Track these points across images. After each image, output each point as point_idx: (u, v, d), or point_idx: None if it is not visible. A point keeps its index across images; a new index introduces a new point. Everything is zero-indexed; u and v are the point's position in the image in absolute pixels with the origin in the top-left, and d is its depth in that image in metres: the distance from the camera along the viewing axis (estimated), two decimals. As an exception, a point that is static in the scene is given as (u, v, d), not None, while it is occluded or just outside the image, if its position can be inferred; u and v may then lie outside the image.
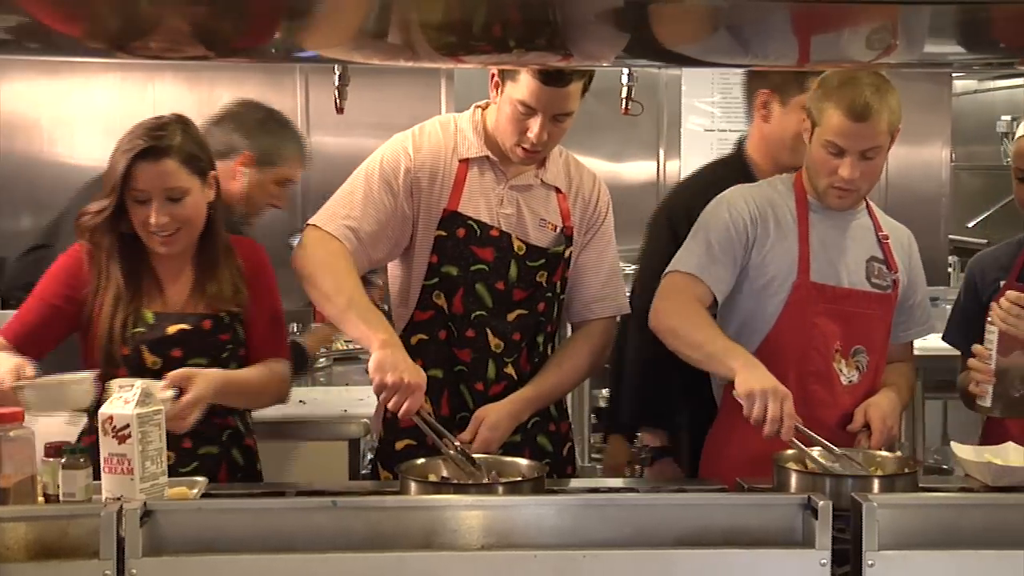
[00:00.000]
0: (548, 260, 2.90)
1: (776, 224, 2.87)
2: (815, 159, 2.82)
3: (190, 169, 2.69)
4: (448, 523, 2.07)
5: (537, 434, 2.93)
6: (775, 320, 2.83)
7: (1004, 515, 2.11)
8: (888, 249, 2.94)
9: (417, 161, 2.85)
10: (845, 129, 2.75)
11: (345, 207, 2.83)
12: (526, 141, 2.79)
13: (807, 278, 2.84)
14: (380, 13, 2.19)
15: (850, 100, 2.73)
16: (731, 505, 2.15)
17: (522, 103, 2.76)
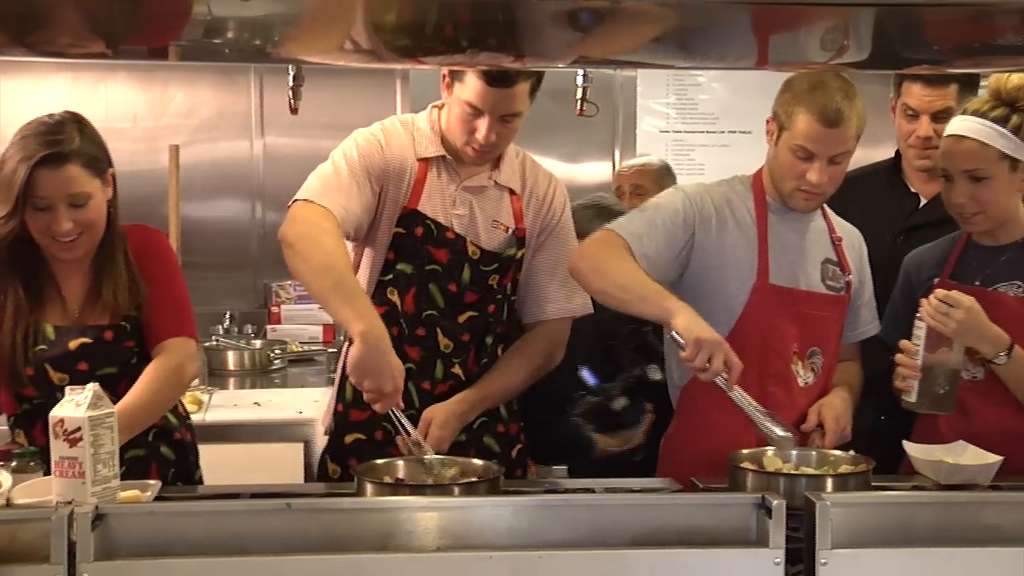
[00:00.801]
0: (501, 264, 2.90)
1: (736, 225, 2.87)
2: (783, 163, 2.83)
3: (92, 172, 2.63)
4: (404, 525, 2.06)
5: (483, 434, 2.93)
6: (734, 323, 2.83)
7: (955, 513, 2.13)
8: (841, 251, 2.97)
9: (388, 155, 2.85)
10: (816, 134, 2.77)
11: (333, 185, 2.78)
12: (475, 142, 2.80)
13: (767, 280, 2.85)
14: (335, 14, 2.18)
15: (822, 105, 2.75)
16: (686, 505, 2.15)
17: (469, 104, 2.77)
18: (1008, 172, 2.80)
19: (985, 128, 2.79)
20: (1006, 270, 2.87)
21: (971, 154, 2.80)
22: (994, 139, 2.78)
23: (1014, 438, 2.76)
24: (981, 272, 2.89)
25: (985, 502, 2.21)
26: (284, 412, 3.88)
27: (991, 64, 2.91)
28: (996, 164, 2.79)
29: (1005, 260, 2.89)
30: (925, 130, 3.32)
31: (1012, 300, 2.84)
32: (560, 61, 2.69)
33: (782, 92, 2.84)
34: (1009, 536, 2.08)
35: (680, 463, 2.86)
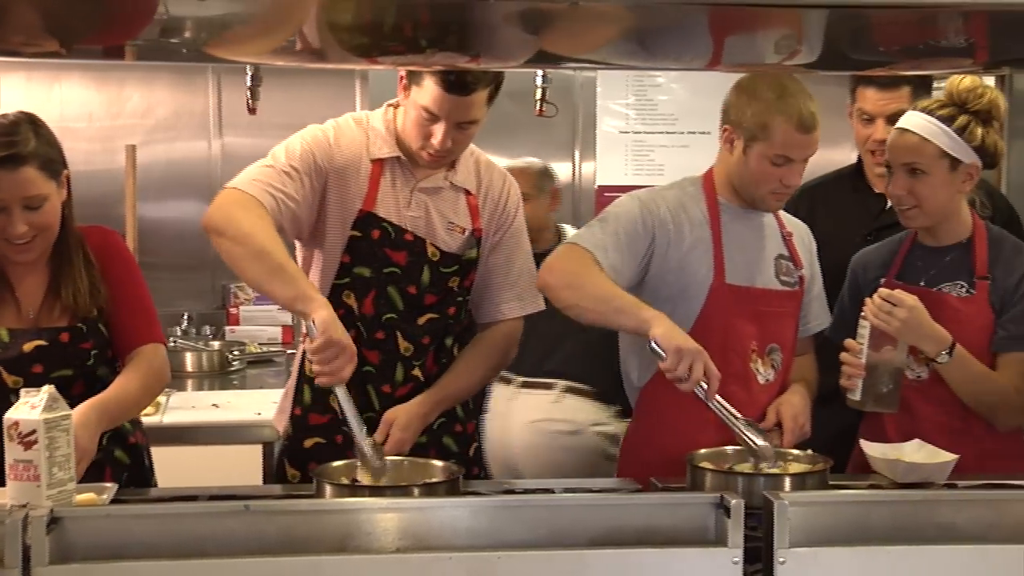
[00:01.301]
0: (462, 266, 2.90)
1: (691, 228, 2.88)
2: (756, 171, 2.84)
3: (47, 174, 2.60)
4: (363, 526, 2.05)
5: (443, 435, 2.93)
6: (692, 324, 2.84)
7: (911, 511, 2.15)
8: (792, 246, 2.99)
9: (336, 155, 2.81)
10: (795, 141, 2.80)
11: (266, 175, 2.73)
12: (430, 147, 2.79)
13: (723, 280, 2.86)
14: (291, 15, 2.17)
15: (798, 113, 2.78)
16: (645, 505, 2.15)
17: (426, 109, 2.74)
18: (947, 171, 2.83)
19: (929, 124, 2.82)
20: (950, 271, 2.90)
21: (911, 148, 2.83)
22: (936, 136, 2.81)
23: (956, 437, 2.80)
24: (926, 272, 2.93)
25: (940, 500, 2.24)
26: (243, 414, 3.86)
27: (937, 66, 2.95)
28: (935, 161, 2.82)
29: (949, 261, 2.92)
30: (880, 133, 3.35)
31: (955, 300, 2.87)
32: (517, 61, 2.70)
33: (745, 101, 2.85)
34: (964, 533, 2.11)
35: (639, 464, 2.88)
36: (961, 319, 2.84)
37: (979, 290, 2.86)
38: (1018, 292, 2.84)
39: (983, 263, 2.88)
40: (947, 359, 2.77)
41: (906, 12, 2.10)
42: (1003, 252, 2.90)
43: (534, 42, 2.42)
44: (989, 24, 2.25)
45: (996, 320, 2.85)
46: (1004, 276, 2.86)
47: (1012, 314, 2.83)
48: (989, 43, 2.50)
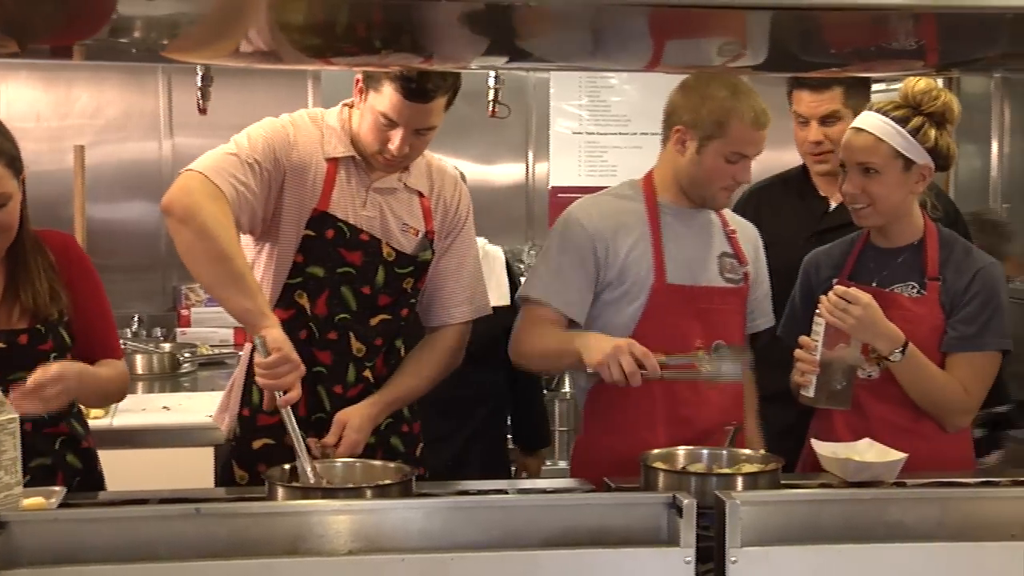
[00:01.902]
0: (416, 267, 2.89)
1: (629, 232, 2.92)
2: (711, 168, 2.88)
3: (12, 172, 2.57)
4: (315, 528, 2.04)
5: (391, 435, 2.93)
6: (635, 325, 2.87)
7: (861, 510, 2.16)
8: (736, 243, 3.02)
9: (294, 152, 2.79)
10: (750, 138, 2.86)
11: (230, 164, 2.69)
12: (387, 152, 2.78)
13: (664, 281, 2.89)
14: (244, 15, 2.16)
15: (753, 111, 2.84)
16: (598, 505, 2.16)
17: (384, 115, 2.74)
18: (901, 171, 2.86)
19: (883, 125, 2.85)
20: (901, 272, 2.94)
21: (865, 147, 2.86)
22: (890, 136, 2.84)
23: (906, 436, 2.83)
24: (878, 273, 2.96)
25: (890, 499, 2.25)
26: (194, 416, 3.83)
27: (889, 68, 2.98)
28: (889, 161, 2.85)
29: (901, 262, 2.95)
30: (815, 135, 3.43)
31: (907, 300, 2.90)
32: (471, 62, 2.70)
33: (698, 101, 2.87)
34: (912, 532, 2.13)
35: (591, 465, 2.89)
36: (912, 319, 2.87)
37: (930, 291, 2.89)
38: (967, 293, 2.87)
39: (934, 264, 2.91)
40: (900, 357, 2.80)
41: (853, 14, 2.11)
42: (954, 254, 2.93)
43: (487, 42, 2.42)
44: (937, 26, 2.27)
45: (946, 321, 2.88)
46: (954, 277, 2.89)
47: (961, 315, 2.87)
48: (938, 46, 2.53)
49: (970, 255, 2.94)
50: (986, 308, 2.86)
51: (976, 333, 2.85)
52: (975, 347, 2.86)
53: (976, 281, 2.87)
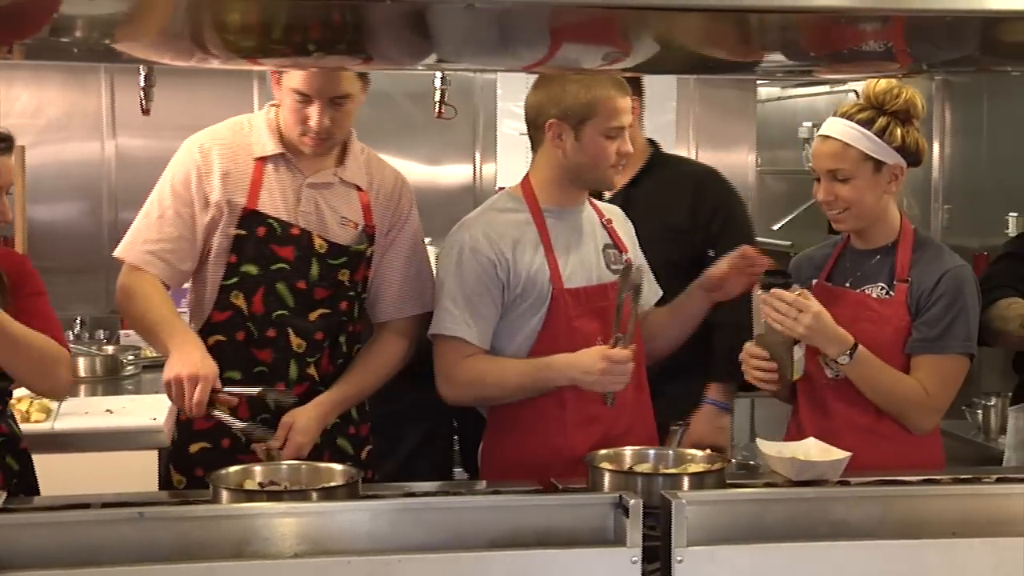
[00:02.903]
0: (350, 258, 2.89)
1: (524, 247, 2.91)
2: (596, 148, 2.88)
3: None
4: (260, 531, 2.03)
5: (337, 436, 2.92)
6: (536, 334, 2.90)
7: (805, 508, 2.18)
8: (614, 233, 3.05)
9: (206, 167, 2.84)
10: (620, 107, 2.87)
11: (143, 231, 2.85)
12: (309, 130, 2.80)
13: (561, 287, 2.90)
14: (178, 14, 2.14)
15: (610, 81, 2.86)
16: (544, 506, 2.16)
17: (297, 91, 2.77)
18: (871, 173, 2.88)
19: (849, 129, 2.87)
20: (874, 272, 2.96)
21: (833, 154, 2.88)
22: (857, 140, 2.86)
23: (867, 434, 2.87)
24: (853, 274, 2.98)
25: (833, 497, 2.27)
26: (137, 419, 3.78)
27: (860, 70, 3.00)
28: (859, 164, 2.87)
29: (875, 263, 2.97)
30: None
31: (874, 302, 2.92)
32: (410, 64, 2.69)
33: (558, 91, 2.88)
34: (855, 530, 2.15)
35: (498, 467, 2.94)
36: (877, 320, 2.89)
37: (898, 292, 2.90)
38: (933, 295, 2.87)
39: (904, 266, 2.92)
40: (847, 360, 2.82)
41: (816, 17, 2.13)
42: (924, 256, 2.94)
43: (427, 44, 2.41)
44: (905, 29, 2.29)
45: (912, 322, 2.89)
46: (921, 279, 2.90)
47: (925, 317, 2.87)
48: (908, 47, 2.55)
49: (940, 257, 2.93)
50: (950, 311, 2.86)
51: (938, 336, 2.85)
52: (937, 350, 2.86)
53: (942, 283, 2.87)
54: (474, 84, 5.90)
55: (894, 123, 2.87)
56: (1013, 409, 3.36)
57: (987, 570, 2.09)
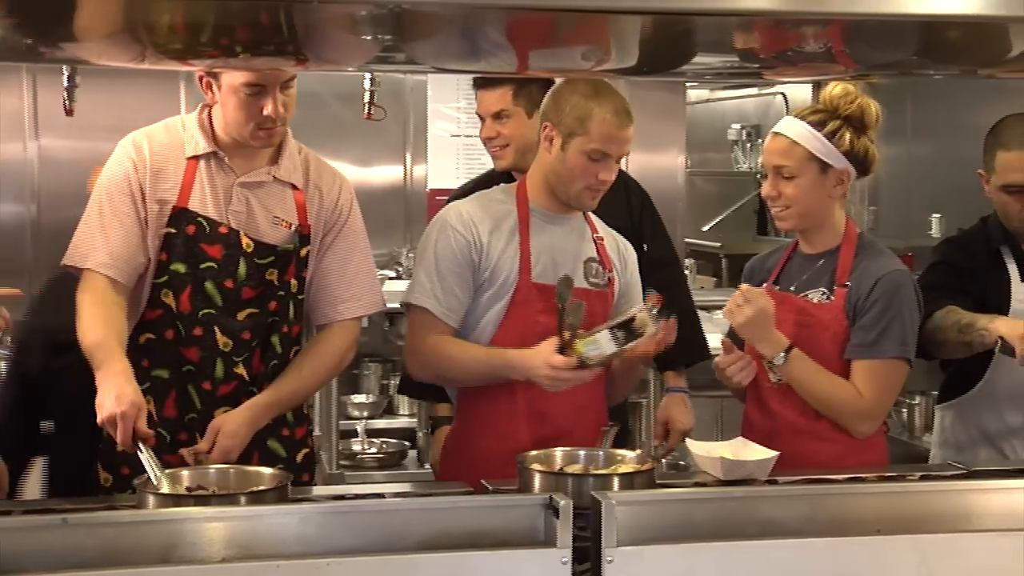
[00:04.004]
0: (278, 258, 2.87)
1: (501, 233, 2.95)
2: (574, 166, 2.90)
3: None
4: (187, 536, 2.01)
5: (267, 438, 2.89)
6: (499, 323, 2.93)
7: (734, 508, 2.21)
8: (603, 249, 3.06)
9: (141, 164, 2.83)
10: (612, 136, 2.88)
11: (88, 237, 2.81)
12: (266, 120, 2.79)
13: (528, 279, 2.93)
14: (106, 14, 2.11)
15: (614, 108, 2.87)
16: (474, 507, 2.17)
17: (248, 84, 2.75)
18: (817, 174, 2.90)
19: (800, 128, 2.91)
20: (816, 277, 2.98)
21: (781, 151, 2.92)
22: (805, 140, 2.89)
23: (808, 437, 2.90)
24: (798, 279, 3.01)
25: (761, 496, 2.30)
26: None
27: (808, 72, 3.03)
28: (804, 164, 2.90)
29: (817, 268, 2.99)
30: (488, 131, 3.59)
31: (813, 307, 2.94)
32: (346, 65, 2.68)
33: (563, 98, 2.91)
34: (783, 528, 2.17)
35: (457, 458, 2.98)
36: (815, 325, 2.92)
37: (837, 297, 2.92)
38: (869, 300, 2.89)
39: (844, 271, 2.94)
40: (783, 360, 2.86)
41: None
42: (864, 260, 2.96)
43: (362, 45, 2.40)
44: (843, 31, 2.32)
45: (850, 327, 2.91)
46: (859, 284, 2.92)
47: (861, 322, 2.89)
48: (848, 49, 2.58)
49: (878, 261, 2.96)
50: (885, 315, 2.88)
51: (874, 340, 2.88)
52: (872, 354, 2.88)
53: (878, 288, 2.89)
54: (404, 85, 5.88)
55: (845, 127, 2.89)
56: (940, 407, 3.41)
57: (911, 566, 2.12)
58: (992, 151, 3.17)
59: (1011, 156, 3.12)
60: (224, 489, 2.47)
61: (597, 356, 2.74)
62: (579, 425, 2.93)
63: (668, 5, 1.98)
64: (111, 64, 2.39)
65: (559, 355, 2.74)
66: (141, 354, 2.77)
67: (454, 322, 2.94)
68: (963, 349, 3.04)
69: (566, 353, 2.73)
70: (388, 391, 5.43)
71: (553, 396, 2.88)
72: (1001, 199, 3.17)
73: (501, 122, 3.56)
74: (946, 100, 5.72)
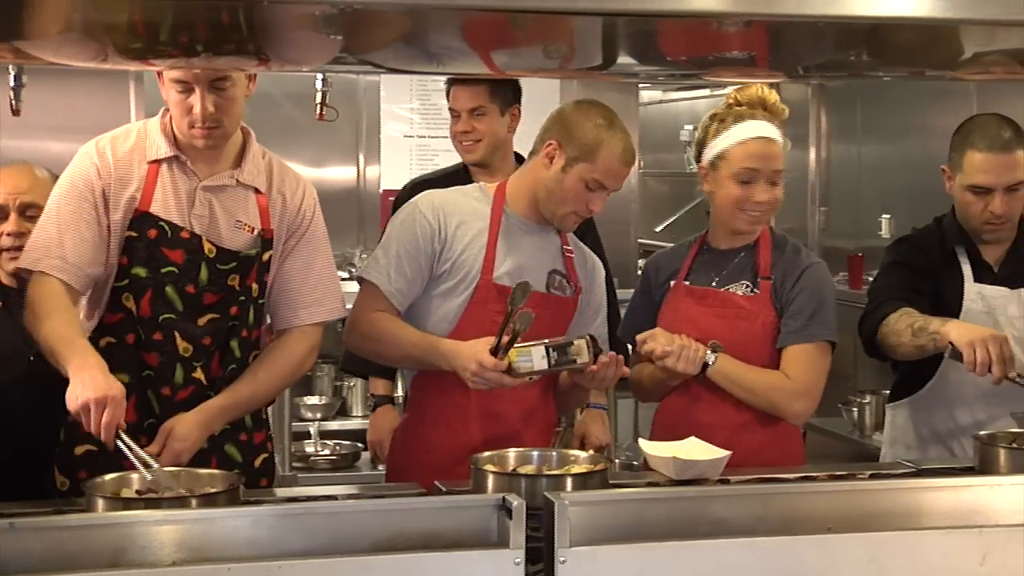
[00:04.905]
0: (240, 263, 2.85)
1: (467, 229, 2.96)
2: (571, 190, 2.93)
3: None
4: (137, 539, 2.00)
5: (225, 443, 2.87)
6: (458, 320, 2.94)
7: (686, 507, 2.22)
8: (570, 264, 3.08)
9: (104, 168, 2.80)
10: (617, 171, 2.93)
11: (44, 239, 2.77)
12: (196, 119, 2.77)
13: (490, 278, 2.94)
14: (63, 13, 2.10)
15: (624, 144, 2.93)
16: (427, 509, 2.16)
17: (177, 81, 2.75)
18: None
19: (776, 131, 2.98)
20: (736, 272, 3.04)
21: (780, 156, 2.98)
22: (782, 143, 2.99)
23: (734, 428, 2.95)
24: (717, 274, 3.05)
25: (713, 496, 2.31)
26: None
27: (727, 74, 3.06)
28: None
29: (736, 263, 3.05)
30: (463, 126, 3.75)
31: (741, 299, 3.01)
32: (306, 65, 2.67)
33: (577, 121, 2.94)
34: (734, 527, 2.19)
35: (411, 453, 2.99)
36: (746, 316, 2.99)
37: (762, 290, 3.00)
38: (795, 290, 2.99)
39: (766, 265, 3.02)
40: (714, 359, 2.92)
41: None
42: (784, 254, 3.04)
43: (320, 45, 2.40)
44: (768, 34, 2.34)
45: (778, 318, 2.99)
46: (784, 276, 3.01)
47: (790, 311, 2.98)
48: (768, 54, 2.61)
49: (798, 255, 3.05)
50: (811, 302, 2.97)
51: (803, 326, 2.96)
52: (803, 339, 2.96)
53: (803, 279, 2.99)
54: (357, 86, 5.87)
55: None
56: (891, 406, 3.44)
57: (861, 564, 2.14)
58: (961, 149, 3.19)
59: (981, 157, 3.14)
60: (175, 492, 2.45)
61: (525, 368, 2.76)
62: (529, 427, 2.96)
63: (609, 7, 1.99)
64: (68, 64, 2.37)
65: (490, 355, 2.74)
66: (103, 358, 2.70)
67: (399, 304, 2.95)
68: (916, 352, 3.08)
69: (498, 356, 2.73)
70: (341, 393, 5.42)
71: (505, 396, 2.90)
72: (964, 198, 3.20)
73: (476, 118, 3.72)
74: (896, 102, 5.77)
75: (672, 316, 3.05)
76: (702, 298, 3.02)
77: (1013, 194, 3.14)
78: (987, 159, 3.13)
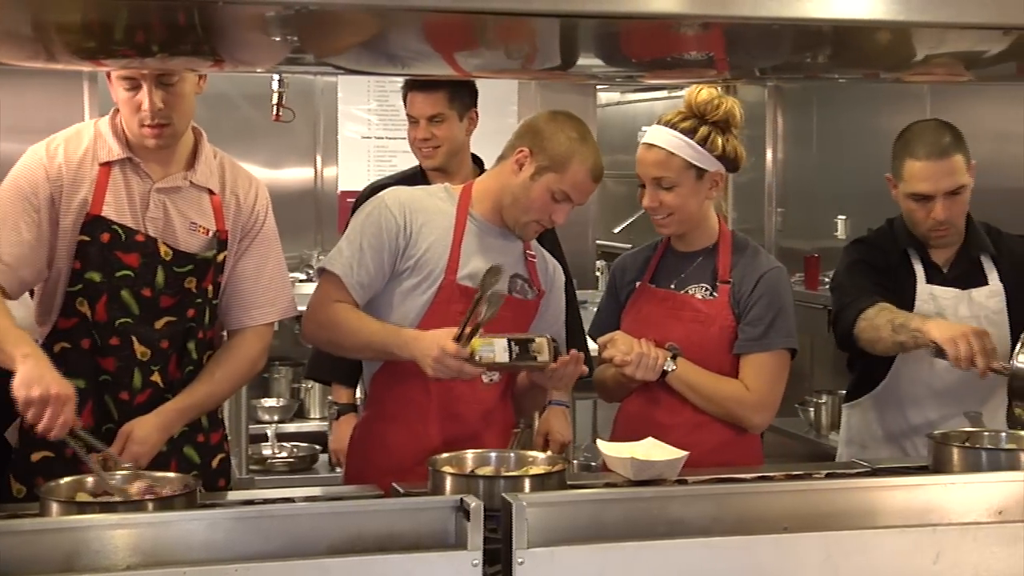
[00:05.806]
0: (197, 266, 2.83)
1: (432, 228, 2.96)
2: (537, 199, 2.93)
3: None
4: (91, 544, 1.98)
5: (184, 445, 2.86)
6: (420, 319, 2.92)
7: (643, 508, 2.22)
8: (533, 269, 3.09)
9: (54, 170, 2.76)
10: (584, 186, 2.94)
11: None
12: (144, 116, 2.74)
13: (453, 279, 2.94)
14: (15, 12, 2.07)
15: (595, 160, 2.93)
16: (384, 511, 2.15)
17: (124, 78, 2.73)
18: (694, 180, 2.96)
19: (673, 138, 2.95)
20: (695, 274, 3.05)
21: (658, 162, 2.96)
22: (680, 149, 2.94)
23: (692, 428, 2.96)
24: (676, 276, 3.06)
25: (671, 496, 2.32)
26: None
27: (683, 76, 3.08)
28: (682, 172, 2.95)
29: (696, 265, 3.06)
30: (423, 133, 3.75)
31: (699, 302, 3.01)
32: (261, 66, 2.65)
33: (551, 131, 2.93)
34: (691, 528, 2.19)
35: (368, 452, 2.99)
36: (703, 320, 2.99)
37: (721, 293, 3.00)
38: (753, 296, 2.98)
39: (725, 268, 3.02)
40: (673, 366, 2.94)
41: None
42: (743, 258, 3.04)
43: (274, 46, 2.39)
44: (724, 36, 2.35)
45: (736, 323, 2.99)
46: (742, 281, 3.01)
47: (749, 318, 2.98)
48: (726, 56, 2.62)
49: (757, 259, 3.05)
50: (770, 309, 2.97)
51: (762, 334, 2.96)
52: (761, 347, 2.97)
53: (760, 284, 2.99)
54: (314, 87, 5.85)
55: (715, 132, 2.95)
56: (847, 406, 3.47)
57: (817, 563, 2.15)
58: (900, 158, 3.20)
59: (919, 166, 3.14)
60: (131, 496, 2.43)
61: (487, 359, 2.75)
62: (488, 428, 2.96)
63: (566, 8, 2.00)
64: (17, 64, 2.34)
65: (454, 343, 2.73)
66: (56, 363, 2.64)
67: (359, 297, 2.93)
68: (895, 348, 3.10)
69: (462, 343, 2.73)
70: (299, 395, 5.40)
71: (464, 397, 2.91)
72: (908, 206, 3.22)
73: (435, 124, 3.71)
74: (851, 104, 5.81)
75: (634, 317, 3.07)
76: (662, 300, 3.04)
77: (954, 199, 3.16)
78: (925, 167, 3.14)
